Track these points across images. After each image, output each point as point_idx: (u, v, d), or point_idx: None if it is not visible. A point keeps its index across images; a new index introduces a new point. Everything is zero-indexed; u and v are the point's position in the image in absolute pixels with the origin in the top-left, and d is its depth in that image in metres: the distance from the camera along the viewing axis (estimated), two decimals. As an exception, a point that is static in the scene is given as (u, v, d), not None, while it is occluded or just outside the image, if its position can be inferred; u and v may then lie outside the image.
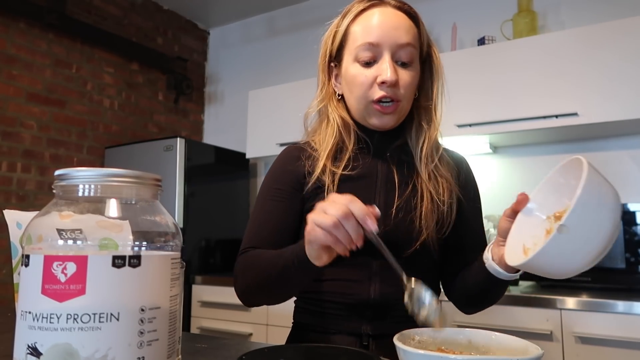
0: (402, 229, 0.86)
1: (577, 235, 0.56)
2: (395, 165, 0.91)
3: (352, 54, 0.87)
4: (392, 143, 0.92)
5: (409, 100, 0.88)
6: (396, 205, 0.87)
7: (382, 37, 0.84)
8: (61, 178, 0.45)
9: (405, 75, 0.85)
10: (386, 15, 0.86)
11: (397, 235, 0.85)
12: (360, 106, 0.88)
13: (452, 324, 1.74)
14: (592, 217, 0.56)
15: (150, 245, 0.45)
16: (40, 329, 0.40)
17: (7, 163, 2.40)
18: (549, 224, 0.67)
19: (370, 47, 0.84)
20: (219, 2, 3.16)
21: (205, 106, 3.49)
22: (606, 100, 1.87)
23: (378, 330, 0.85)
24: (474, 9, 2.55)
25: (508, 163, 2.39)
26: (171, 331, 0.46)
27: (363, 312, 0.86)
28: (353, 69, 0.87)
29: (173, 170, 2.55)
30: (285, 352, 0.61)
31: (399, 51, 0.84)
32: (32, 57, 2.51)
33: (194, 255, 2.64)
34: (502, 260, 0.74)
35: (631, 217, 1.83)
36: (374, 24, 0.85)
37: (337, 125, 0.90)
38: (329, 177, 0.87)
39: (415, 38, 0.87)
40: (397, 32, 0.84)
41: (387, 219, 0.86)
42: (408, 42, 0.85)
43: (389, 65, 0.83)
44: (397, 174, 0.90)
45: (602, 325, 1.58)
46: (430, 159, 0.90)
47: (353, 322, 0.86)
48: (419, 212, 0.86)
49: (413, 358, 0.49)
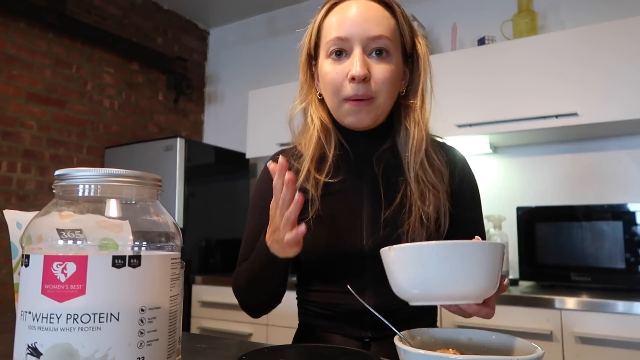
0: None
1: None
2: (382, 172, 0.86)
3: (325, 50, 0.83)
4: (379, 145, 0.87)
5: (386, 97, 0.81)
6: (383, 218, 0.83)
7: (352, 31, 0.79)
8: (61, 178, 0.45)
9: (378, 70, 0.79)
10: (357, 7, 0.80)
11: None
12: (334, 105, 0.83)
13: (453, 324, 1.74)
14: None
15: (150, 245, 0.45)
16: (40, 329, 0.40)
17: (7, 163, 2.40)
18: None
19: (340, 41, 0.80)
20: (219, 2, 3.16)
21: (205, 106, 3.49)
22: (606, 100, 1.87)
23: (376, 334, 0.85)
24: (474, 9, 2.55)
25: (508, 163, 2.39)
26: (171, 331, 0.46)
27: (360, 321, 0.85)
28: (326, 66, 0.82)
29: (173, 170, 2.55)
30: (285, 352, 0.61)
31: (371, 44, 0.79)
32: (32, 57, 2.51)
33: (194, 255, 2.64)
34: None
35: (631, 217, 1.83)
36: (343, 17, 0.80)
37: (316, 130, 0.86)
38: (312, 186, 0.84)
39: (390, 30, 0.81)
40: (367, 24, 0.79)
41: (376, 232, 0.83)
42: (380, 35, 0.79)
43: (358, 59, 0.78)
44: (382, 181, 0.85)
45: (602, 325, 1.58)
46: (418, 163, 0.83)
47: (351, 329, 0.86)
48: (406, 229, 0.82)
49: (413, 358, 0.49)
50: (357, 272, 0.85)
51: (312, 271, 0.90)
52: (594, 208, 1.94)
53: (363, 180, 0.87)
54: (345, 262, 0.85)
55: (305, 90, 0.90)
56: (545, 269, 1.98)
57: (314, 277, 0.90)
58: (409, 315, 0.84)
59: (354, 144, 0.88)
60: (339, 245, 0.84)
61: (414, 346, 0.55)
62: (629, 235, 1.82)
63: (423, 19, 2.58)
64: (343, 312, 0.85)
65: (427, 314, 0.91)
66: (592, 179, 2.20)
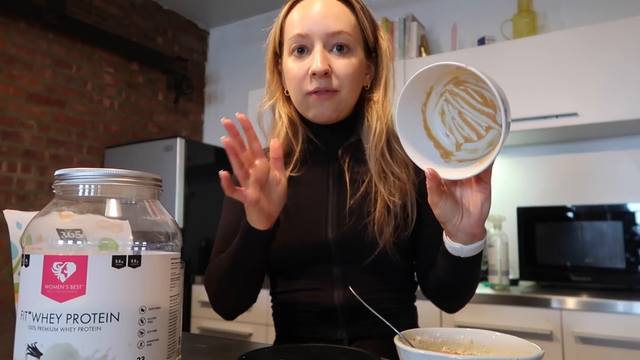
0: (357, 237, 0.82)
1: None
2: (347, 164, 0.87)
3: (287, 47, 0.85)
4: (344, 140, 0.88)
5: (349, 91, 0.83)
6: (348, 207, 0.83)
7: (312, 27, 0.80)
8: (61, 178, 0.45)
9: (339, 65, 0.81)
10: (317, 4, 0.82)
11: (352, 244, 0.82)
12: (298, 100, 0.85)
13: (453, 324, 1.74)
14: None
15: (150, 245, 0.45)
16: (40, 329, 0.40)
17: (7, 163, 2.40)
18: (448, 138, 0.67)
19: (301, 38, 0.81)
20: (219, 2, 3.16)
21: (205, 106, 3.49)
22: (606, 100, 1.88)
23: (353, 334, 0.83)
24: (474, 9, 2.55)
25: (508, 163, 2.39)
26: (171, 331, 0.46)
27: (334, 319, 0.84)
28: (289, 63, 0.84)
29: (173, 170, 2.55)
30: (285, 352, 0.61)
31: (331, 40, 0.81)
32: (32, 57, 2.51)
33: (194, 255, 2.64)
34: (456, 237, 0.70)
35: (631, 217, 1.83)
36: (304, 14, 0.82)
37: (284, 126, 0.88)
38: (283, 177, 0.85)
39: (350, 25, 0.82)
40: (327, 20, 0.80)
41: (341, 222, 0.83)
42: (340, 30, 0.81)
43: (318, 55, 0.79)
44: (348, 173, 0.86)
45: (602, 325, 1.58)
46: (379, 154, 0.84)
47: (327, 330, 0.84)
48: (372, 217, 0.82)
49: (414, 358, 0.49)
50: (325, 267, 0.84)
51: (279, 271, 0.89)
52: (594, 208, 1.94)
53: (329, 173, 0.88)
54: (311, 255, 0.84)
55: (272, 87, 0.92)
56: (545, 269, 1.98)
57: (281, 275, 0.89)
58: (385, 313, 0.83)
59: (321, 138, 0.89)
60: (305, 237, 0.84)
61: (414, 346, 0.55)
62: (629, 235, 1.82)
63: (423, 19, 2.58)
64: (317, 312, 0.84)
65: (399, 315, 0.88)
66: (592, 179, 2.20)
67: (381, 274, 0.85)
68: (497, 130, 0.64)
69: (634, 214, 1.83)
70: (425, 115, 0.67)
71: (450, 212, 0.66)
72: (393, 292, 0.87)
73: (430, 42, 2.60)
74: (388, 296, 0.86)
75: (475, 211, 0.65)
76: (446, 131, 0.67)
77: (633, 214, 1.83)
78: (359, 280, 0.83)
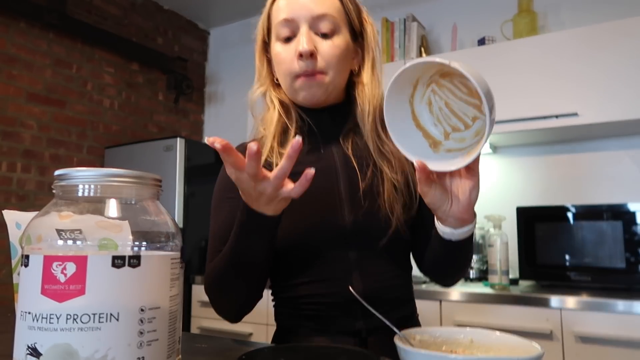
0: (373, 219, 0.83)
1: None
2: (351, 148, 0.87)
3: (275, 34, 0.86)
4: (343, 124, 0.89)
5: (337, 72, 0.84)
6: (362, 190, 0.84)
7: (296, 12, 0.82)
8: (61, 178, 0.45)
9: (325, 47, 0.82)
10: None
11: (369, 227, 0.83)
12: (286, 84, 0.85)
13: (453, 323, 1.74)
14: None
15: (150, 245, 0.45)
16: (40, 329, 0.40)
17: (7, 163, 2.40)
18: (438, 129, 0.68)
19: (287, 23, 0.83)
20: (219, 2, 3.16)
21: (205, 106, 3.49)
22: (606, 100, 1.88)
23: (370, 324, 0.82)
24: (474, 9, 2.55)
25: (508, 163, 2.39)
26: (171, 331, 0.46)
27: (354, 310, 0.82)
28: (277, 48, 0.86)
29: (173, 170, 2.55)
30: (285, 352, 0.61)
31: (317, 23, 0.82)
32: (32, 57, 2.51)
33: (194, 255, 2.64)
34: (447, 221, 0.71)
35: (631, 217, 1.83)
36: (288, 0, 0.84)
37: (277, 110, 0.88)
38: (277, 158, 0.84)
39: (335, 8, 0.84)
40: (311, 4, 0.82)
41: (356, 206, 0.83)
42: (324, 13, 0.82)
43: (304, 37, 0.81)
44: (355, 158, 0.87)
45: (602, 325, 1.58)
46: (375, 134, 0.86)
47: (345, 321, 0.82)
48: (384, 198, 0.83)
49: (414, 358, 0.49)
50: (342, 254, 0.82)
51: (290, 262, 0.85)
52: (593, 208, 1.94)
53: (334, 159, 0.88)
54: (328, 243, 0.83)
55: (263, 75, 0.93)
56: (545, 268, 1.98)
57: (294, 268, 0.85)
58: (391, 301, 0.84)
59: (317, 122, 0.89)
60: (320, 223, 0.83)
61: (414, 346, 0.55)
62: (629, 235, 1.82)
63: (423, 19, 2.58)
64: (332, 303, 0.82)
65: (409, 301, 0.91)
66: (592, 179, 2.20)
67: (394, 258, 0.86)
68: (483, 120, 0.65)
69: (634, 213, 1.83)
70: (413, 106, 0.69)
71: (440, 199, 0.68)
72: (405, 278, 0.89)
73: (431, 43, 2.60)
74: (401, 282, 0.88)
75: (464, 198, 0.67)
76: (434, 121, 0.69)
77: (633, 214, 1.83)
78: (374, 265, 0.83)
